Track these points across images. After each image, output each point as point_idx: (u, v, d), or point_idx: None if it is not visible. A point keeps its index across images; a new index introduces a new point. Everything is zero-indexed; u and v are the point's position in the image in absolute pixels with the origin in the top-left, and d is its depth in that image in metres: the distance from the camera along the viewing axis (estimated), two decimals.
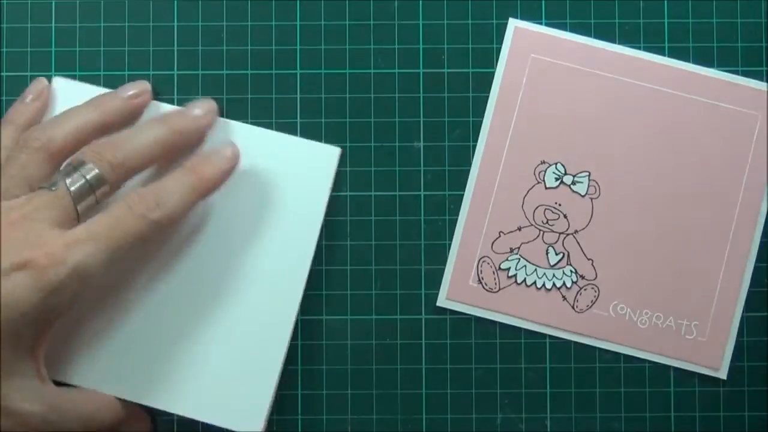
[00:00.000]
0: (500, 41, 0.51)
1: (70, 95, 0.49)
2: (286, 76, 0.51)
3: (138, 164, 0.45)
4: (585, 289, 0.50)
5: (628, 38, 0.51)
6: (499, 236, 0.50)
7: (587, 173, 0.50)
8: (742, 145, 0.50)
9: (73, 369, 0.48)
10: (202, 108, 0.49)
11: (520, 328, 0.50)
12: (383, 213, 0.50)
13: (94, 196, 0.44)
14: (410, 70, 0.51)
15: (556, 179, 0.50)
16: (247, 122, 0.50)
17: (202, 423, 0.48)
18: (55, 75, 0.50)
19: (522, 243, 0.50)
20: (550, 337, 0.50)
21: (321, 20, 0.51)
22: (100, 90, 0.49)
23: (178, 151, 0.48)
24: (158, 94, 0.50)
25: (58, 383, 0.45)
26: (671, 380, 0.50)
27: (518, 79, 0.50)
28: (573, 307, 0.50)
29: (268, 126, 0.50)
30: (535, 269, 0.50)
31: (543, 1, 0.51)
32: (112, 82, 0.50)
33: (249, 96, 0.51)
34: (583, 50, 0.51)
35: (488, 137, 0.50)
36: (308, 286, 0.49)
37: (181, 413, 0.48)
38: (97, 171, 0.43)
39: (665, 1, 0.51)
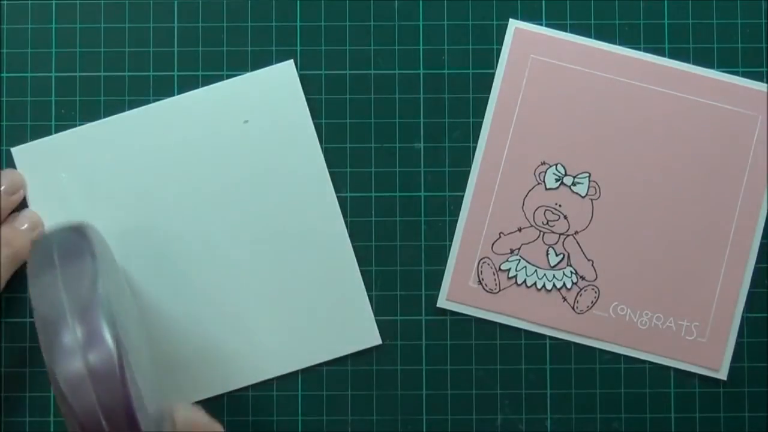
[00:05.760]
0: (500, 42, 0.51)
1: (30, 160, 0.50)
2: None
3: None
4: (585, 290, 0.50)
5: (628, 38, 0.51)
6: (500, 237, 0.50)
7: (587, 174, 0.50)
8: (742, 146, 0.50)
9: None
10: (29, 222, 0.49)
11: (520, 329, 0.50)
12: (383, 214, 0.50)
13: None
14: (410, 70, 0.51)
15: (557, 180, 0.50)
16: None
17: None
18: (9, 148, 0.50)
19: (522, 244, 0.50)
20: (551, 338, 0.50)
21: (321, 20, 0.51)
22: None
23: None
24: (158, 95, 0.50)
25: None
26: (671, 380, 0.50)
27: (518, 80, 0.50)
28: (573, 308, 0.50)
29: None
30: (536, 270, 0.50)
31: (543, 2, 0.51)
32: (112, 82, 0.50)
33: None
34: (583, 51, 0.51)
35: (488, 138, 0.50)
36: None
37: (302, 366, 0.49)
38: None
39: (665, 2, 0.51)
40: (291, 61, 0.50)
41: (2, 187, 0.49)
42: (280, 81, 0.50)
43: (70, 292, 0.36)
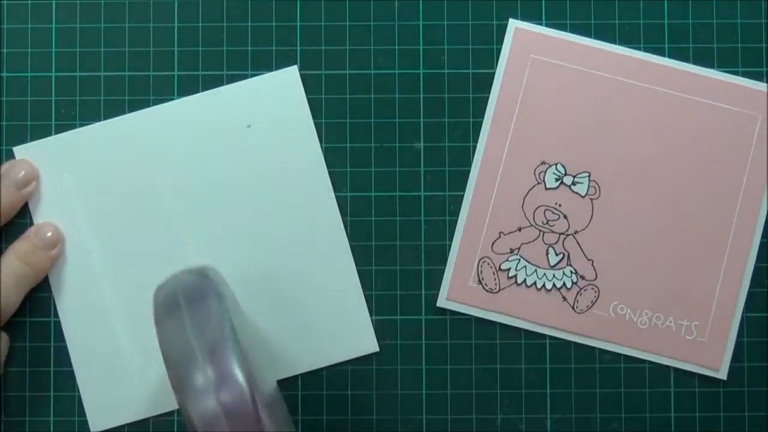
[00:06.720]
0: (500, 42, 0.51)
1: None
2: None
3: None
4: (585, 290, 0.50)
5: (628, 38, 0.51)
6: (500, 237, 0.50)
7: (587, 174, 0.50)
8: (742, 145, 0.50)
9: None
10: (50, 234, 0.49)
11: (520, 329, 0.50)
12: (383, 213, 0.50)
13: None
14: (410, 70, 0.51)
15: (557, 180, 0.50)
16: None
17: None
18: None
19: (522, 243, 0.50)
20: (550, 337, 0.50)
21: (321, 20, 0.51)
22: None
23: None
24: (158, 94, 0.50)
25: None
26: (671, 380, 0.50)
27: (518, 80, 0.50)
28: (573, 308, 0.50)
29: None
30: (535, 270, 0.50)
31: (543, 2, 0.51)
32: (112, 82, 0.51)
33: None
34: (583, 50, 0.51)
35: (488, 137, 0.50)
36: None
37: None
38: None
39: (665, 2, 0.51)
40: (295, 67, 0.50)
41: (12, 180, 0.48)
42: (284, 86, 0.50)
43: (199, 333, 0.38)
